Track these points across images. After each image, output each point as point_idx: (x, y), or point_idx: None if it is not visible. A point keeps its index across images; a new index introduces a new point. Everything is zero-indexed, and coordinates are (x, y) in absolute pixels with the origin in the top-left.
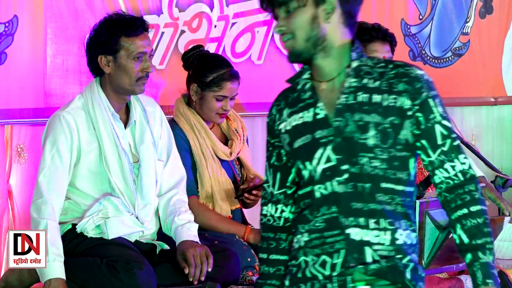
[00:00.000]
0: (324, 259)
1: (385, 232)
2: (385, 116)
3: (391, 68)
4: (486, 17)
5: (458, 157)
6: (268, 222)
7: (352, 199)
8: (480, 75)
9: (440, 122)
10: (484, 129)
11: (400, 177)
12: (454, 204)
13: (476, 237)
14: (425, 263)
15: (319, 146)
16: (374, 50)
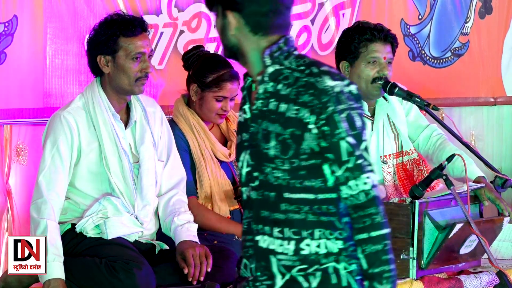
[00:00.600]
0: (245, 262)
1: (289, 241)
2: (286, 127)
3: (306, 75)
4: (486, 17)
5: (361, 176)
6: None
7: (261, 206)
8: (479, 75)
9: (344, 139)
10: (483, 129)
11: (311, 185)
12: (357, 226)
13: (374, 265)
14: (424, 263)
15: (242, 149)
16: (375, 50)
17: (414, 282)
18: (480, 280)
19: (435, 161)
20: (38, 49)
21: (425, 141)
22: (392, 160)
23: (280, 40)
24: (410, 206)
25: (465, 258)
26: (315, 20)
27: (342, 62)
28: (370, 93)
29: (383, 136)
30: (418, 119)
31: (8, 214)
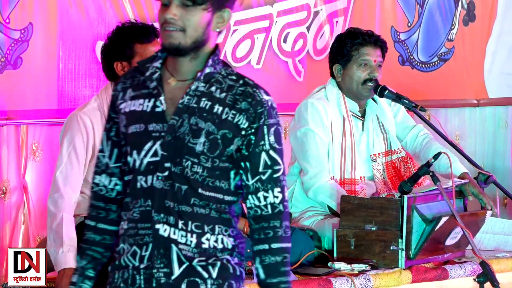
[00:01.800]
0: (135, 249)
1: (191, 234)
2: (220, 128)
3: (240, 84)
4: (469, 25)
5: (273, 189)
6: (100, 192)
7: (166, 196)
8: (464, 78)
9: (267, 151)
10: (467, 129)
11: (220, 186)
12: (258, 237)
13: (272, 276)
14: (412, 254)
15: (150, 139)
16: (366, 53)
17: (403, 271)
18: (464, 270)
19: (422, 158)
20: (52, 54)
21: (412, 140)
22: (381, 159)
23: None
24: (399, 200)
25: (451, 249)
26: (310, 27)
27: (335, 65)
28: (360, 94)
29: (373, 136)
30: (406, 119)
31: (24, 208)
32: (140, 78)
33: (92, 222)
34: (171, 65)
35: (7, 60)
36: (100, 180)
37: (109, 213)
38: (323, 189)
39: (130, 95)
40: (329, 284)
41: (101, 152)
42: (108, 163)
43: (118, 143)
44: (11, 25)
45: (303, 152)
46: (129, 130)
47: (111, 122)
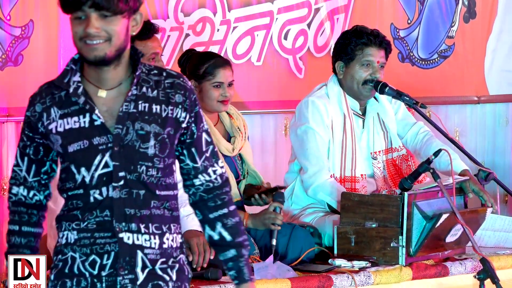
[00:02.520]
0: (94, 258)
1: (154, 236)
2: (164, 126)
3: (165, 77)
4: (470, 22)
5: (217, 161)
6: (21, 200)
7: (125, 204)
8: (464, 75)
9: (206, 130)
10: (467, 126)
11: (169, 182)
12: (214, 204)
13: (237, 235)
14: (412, 251)
15: (98, 152)
16: (370, 54)
17: (403, 268)
18: (464, 267)
19: (423, 155)
20: (52, 51)
21: (412, 138)
22: (382, 156)
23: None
24: (400, 197)
25: (451, 246)
26: (311, 24)
27: (338, 62)
28: (361, 94)
29: (373, 134)
30: (406, 117)
31: None
32: (61, 94)
33: (15, 226)
34: (93, 76)
35: (8, 57)
36: (18, 191)
37: (31, 217)
38: (322, 187)
39: (57, 113)
40: (329, 281)
41: (17, 167)
42: (26, 177)
43: (35, 161)
44: (12, 22)
45: (302, 150)
46: (70, 149)
47: (29, 141)
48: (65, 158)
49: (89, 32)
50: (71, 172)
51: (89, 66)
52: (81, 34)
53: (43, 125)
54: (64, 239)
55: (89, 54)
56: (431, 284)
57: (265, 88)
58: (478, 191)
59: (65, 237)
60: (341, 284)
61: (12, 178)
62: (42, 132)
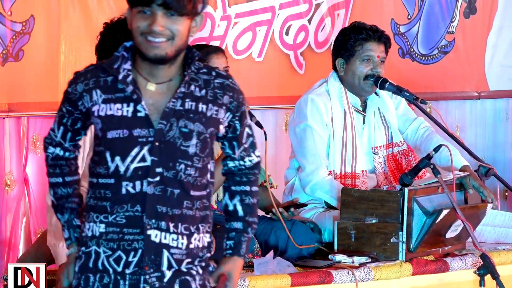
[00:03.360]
0: (120, 254)
1: (182, 236)
2: (207, 126)
3: (214, 76)
4: (470, 17)
5: (254, 151)
6: (58, 156)
7: (158, 202)
8: (464, 71)
9: (249, 125)
10: (468, 122)
11: (204, 182)
12: (239, 179)
13: (250, 215)
14: (413, 247)
15: (136, 144)
16: (370, 49)
17: (404, 264)
18: (465, 262)
19: (423, 151)
20: (53, 46)
21: (413, 133)
22: (383, 151)
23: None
24: (400, 193)
25: (451, 242)
26: (312, 20)
27: (338, 59)
28: (362, 89)
29: (375, 129)
30: (407, 112)
31: (25, 200)
32: (107, 79)
33: (59, 179)
34: (145, 70)
35: (9, 53)
36: (54, 151)
37: (71, 167)
38: (320, 185)
39: (100, 97)
40: (329, 277)
41: (53, 132)
42: (62, 142)
43: (71, 130)
44: (12, 18)
45: (300, 148)
46: (109, 135)
47: (67, 114)
48: (101, 142)
49: (154, 29)
50: (104, 158)
51: (144, 60)
52: (143, 29)
53: (84, 105)
54: (90, 232)
55: (149, 51)
56: (431, 280)
57: (266, 83)
58: (478, 186)
59: (91, 229)
60: (341, 280)
61: (47, 138)
62: (82, 111)
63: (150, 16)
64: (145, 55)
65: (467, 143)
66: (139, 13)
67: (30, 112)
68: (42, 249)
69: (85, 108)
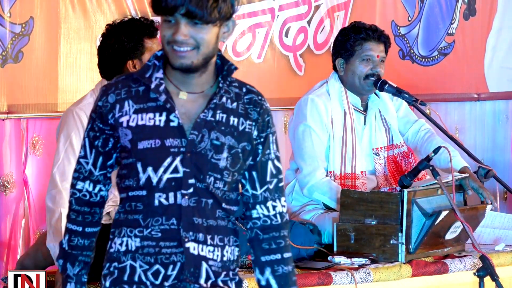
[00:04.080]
0: (158, 268)
1: (217, 248)
2: (239, 141)
3: (245, 92)
4: (470, 19)
5: (280, 198)
6: (85, 198)
7: (194, 213)
8: (464, 73)
9: (273, 160)
10: (467, 123)
11: (233, 197)
12: (268, 247)
13: (286, 286)
14: (412, 248)
15: (169, 154)
16: (370, 48)
17: (403, 265)
18: (464, 264)
19: (423, 153)
20: (52, 48)
21: (413, 135)
22: (384, 153)
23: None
24: (399, 194)
25: (450, 243)
26: (311, 21)
27: (338, 59)
28: (363, 89)
29: (375, 130)
30: (408, 114)
31: (24, 202)
32: (139, 89)
33: (79, 227)
34: (176, 78)
35: (8, 54)
36: (84, 186)
37: (94, 216)
38: (317, 187)
39: (132, 107)
40: (329, 278)
41: (83, 158)
42: (92, 171)
43: (103, 153)
44: (12, 19)
45: (299, 149)
46: (140, 146)
47: (99, 132)
48: (131, 154)
49: (177, 39)
50: (135, 169)
51: (174, 69)
52: (169, 38)
53: (114, 117)
54: (124, 246)
55: (176, 60)
56: (431, 281)
57: (266, 85)
58: (477, 188)
59: (124, 243)
60: (341, 281)
61: (75, 171)
62: (111, 124)
63: (174, 25)
64: (172, 64)
65: (466, 144)
66: (165, 22)
67: (29, 114)
68: (42, 251)
69: (114, 120)
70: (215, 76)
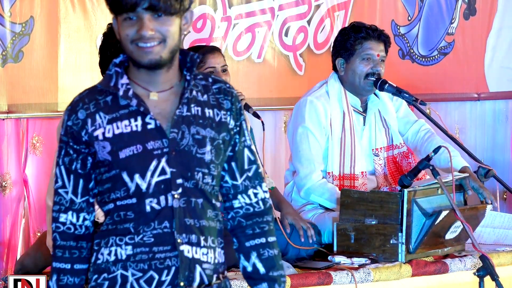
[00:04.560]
0: (152, 275)
1: (210, 250)
2: (219, 131)
3: (212, 82)
4: (470, 19)
5: (261, 184)
6: (69, 231)
7: (185, 214)
8: (464, 72)
9: (249, 147)
10: (467, 123)
11: (219, 192)
12: (252, 232)
13: (273, 269)
14: (412, 248)
15: (153, 158)
16: (370, 47)
17: (403, 265)
18: (464, 264)
19: (423, 153)
20: (53, 47)
21: (413, 135)
22: (383, 153)
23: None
24: (399, 194)
25: (450, 243)
26: (311, 21)
27: (338, 59)
28: (363, 89)
29: (375, 131)
30: (408, 114)
31: (24, 202)
32: (107, 99)
33: (67, 265)
34: (143, 79)
35: (8, 54)
36: (67, 218)
37: (82, 251)
38: (313, 189)
39: (104, 119)
40: (329, 278)
41: (62, 188)
42: (74, 199)
43: (82, 175)
44: (12, 19)
45: (296, 152)
46: (122, 155)
47: (75, 154)
48: (113, 165)
49: (144, 34)
50: (121, 180)
51: (139, 69)
52: (133, 37)
53: (87, 133)
54: (113, 256)
55: (143, 58)
56: (431, 281)
57: (265, 85)
58: (477, 188)
59: (113, 253)
60: (341, 281)
61: (56, 204)
62: (86, 141)
63: (137, 22)
64: (140, 62)
65: (466, 144)
66: (125, 21)
67: (29, 113)
68: (41, 250)
69: (88, 135)
70: (179, 71)
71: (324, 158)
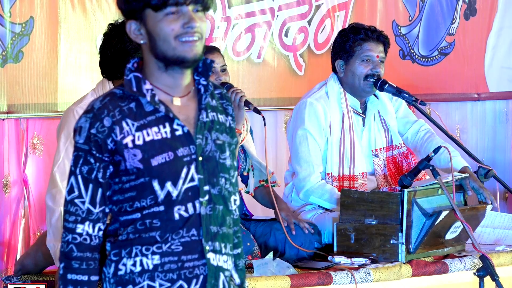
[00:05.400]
0: (181, 284)
1: (230, 257)
2: (232, 136)
3: (213, 88)
4: (470, 19)
5: (237, 191)
6: (86, 242)
7: (211, 222)
8: (464, 72)
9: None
10: (468, 123)
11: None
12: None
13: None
14: (412, 248)
15: (183, 164)
16: (369, 49)
17: (403, 265)
18: (464, 264)
19: (423, 153)
20: (53, 48)
21: (413, 136)
22: (383, 154)
23: None
24: (399, 194)
25: (451, 243)
26: (312, 21)
27: (337, 60)
28: (363, 90)
29: (375, 131)
30: (407, 115)
31: (24, 202)
32: (131, 106)
33: (84, 277)
34: (165, 83)
35: (8, 54)
36: (84, 229)
37: (96, 262)
38: (312, 191)
39: (133, 126)
40: (329, 278)
41: (78, 198)
42: (91, 209)
43: (102, 184)
44: (12, 19)
45: (295, 154)
46: (154, 162)
47: (97, 162)
48: (144, 173)
49: (193, 26)
50: (150, 188)
51: (164, 72)
52: (178, 32)
53: (114, 141)
54: (139, 266)
55: (188, 53)
56: (431, 281)
57: (266, 85)
58: (477, 188)
59: (138, 263)
60: (341, 281)
61: (71, 215)
62: (111, 149)
63: (180, 16)
64: (183, 59)
65: (467, 144)
66: (167, 16)
67: (29, 114)
68: (42, 250)
69: (115, 143)
70: (191, 74)
71: (323, 159)
